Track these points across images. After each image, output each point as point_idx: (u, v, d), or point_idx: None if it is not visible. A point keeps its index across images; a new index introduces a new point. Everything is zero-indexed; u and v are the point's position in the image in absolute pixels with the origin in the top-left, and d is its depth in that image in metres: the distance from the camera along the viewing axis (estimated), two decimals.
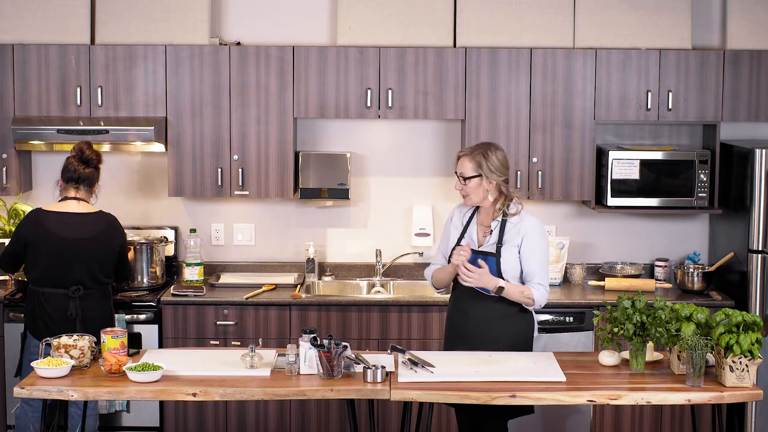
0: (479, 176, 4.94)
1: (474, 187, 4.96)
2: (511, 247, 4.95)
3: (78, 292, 5.45)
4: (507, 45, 6.26)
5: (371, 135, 6.63)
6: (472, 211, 5.11)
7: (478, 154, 4.95)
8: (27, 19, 6.20)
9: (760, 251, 6.06)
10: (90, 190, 5.59)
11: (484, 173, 4.93)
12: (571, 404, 4.74)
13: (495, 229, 5.00)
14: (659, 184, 6.29)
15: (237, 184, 6.27)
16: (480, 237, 5.04)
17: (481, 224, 5.07)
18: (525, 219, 4.99)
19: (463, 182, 4.97)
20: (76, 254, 5.47)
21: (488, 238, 5.00)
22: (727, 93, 6.26)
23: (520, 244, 4.95)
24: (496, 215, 5.00)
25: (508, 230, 4.98)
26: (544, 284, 4.96)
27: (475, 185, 4.96)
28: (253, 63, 6.22)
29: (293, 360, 4.66)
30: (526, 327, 5.05)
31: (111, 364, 4.63)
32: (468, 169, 4.95)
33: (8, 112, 6.21)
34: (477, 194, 4.98)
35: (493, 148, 4.98)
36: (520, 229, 4.96)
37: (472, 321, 5.00)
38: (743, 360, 4.53)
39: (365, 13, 6.25)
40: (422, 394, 4.50)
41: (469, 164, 4.95)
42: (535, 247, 4.95)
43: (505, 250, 4.95)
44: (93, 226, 5.52)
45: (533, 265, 4.94)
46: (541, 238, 4.98)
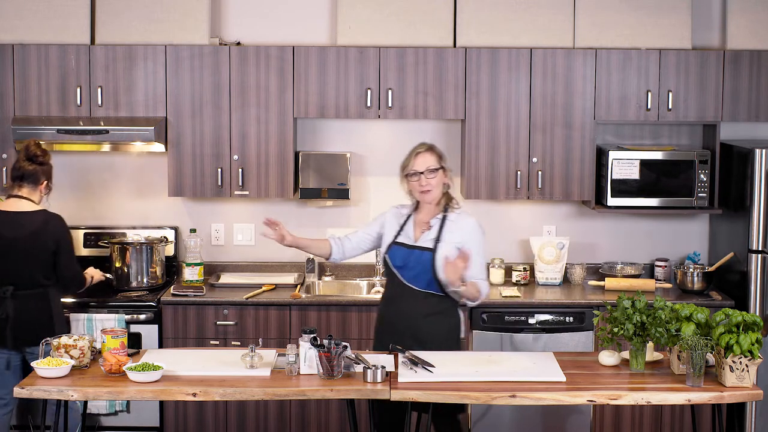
0: (442, 168, 5.07)
1: (439, 180, 5.06)
2: (449, 243, 5.02)
3: (7, 292, 5.39)
4: (507, 45, 6.26)
5: (371, 135, 6.63)
6: (410, 211, 5.19)
7: (435, 148, 5.11)
8: (27, 19, 6.20)
9: (760, 251, 6.06)
10: (35, 187, 5.52)
11: (445, 165, 5.09)
12: (571, 404, 4.74)
13: (435, 226, 5.07)
14: (659, 184, 6.29)
15: (237, 184, 6.27)
16: (417, 233, 5.11)
17: (419, 222, 5.13)
18: (464, 218, 5.10)
19: (431, 174, 5.03)
20: (10, 253, 5.39)
21: (426, 233, 5.07)
22: (727, 93, 6.26)
23: (459, 241, 5.02)
24: (437, 212, 5.09)
25: (447, 228, 5.06)
26: (485, 279, 5.08)
27: (440, 178, 5.07)
28: (253, 63, 6.22)
29: (293, 360, 4.66)
30: (452, 326, 5.08)
31: (111, 364, 4.63)
32: (434, 162, 5.05)
33: (8, 112, 6.21)
34: (438, 188, 5.08)
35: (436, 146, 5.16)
36: (459, 227, 5.06)
37: (404, 317, 5.05)
38: (743, 360, 4.53)
39: (365, 13, 6.26)
40: (422, 394, 4.50)
41: (432, 157, 5.06)
42: (475, 244, 5.03)
43: (442, 246, 5.02)
44: (29, 225, 5.44)
45: (477, 263, 5.01)
46: (479, 236, 5.09)
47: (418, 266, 5.03)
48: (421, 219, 5.13)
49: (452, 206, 5.12)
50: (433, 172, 5.03)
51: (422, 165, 5.04)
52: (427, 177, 5.03)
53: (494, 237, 6.66)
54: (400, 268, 5.08)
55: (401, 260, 5.08)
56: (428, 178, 5.03)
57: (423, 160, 5.05)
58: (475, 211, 6.63)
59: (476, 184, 6.28)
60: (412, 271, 5.05)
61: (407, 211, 5.20)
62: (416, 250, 5.05)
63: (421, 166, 5.04)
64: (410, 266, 5.06)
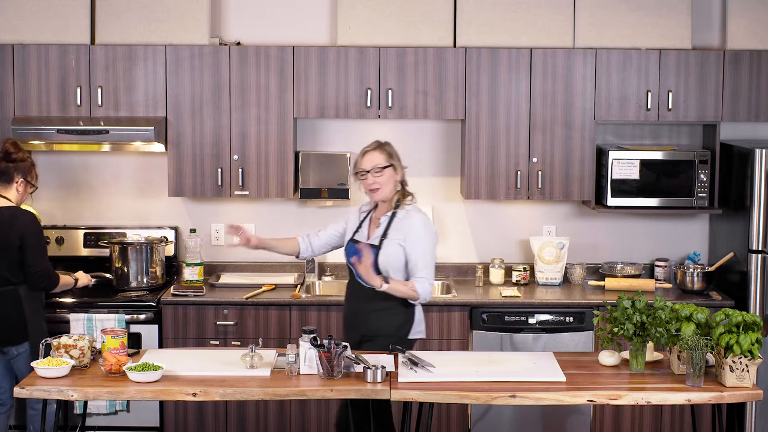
0: (391, 166, 5.08)
1: (388, 178, 5.08)
2: (393, 240, 5.06)
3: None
4: (507, 45, 6.26)
5: (371, 135, 6.62)
6: (370, 209, 5.23)
7: (385, 146, 5.13)
8: (27, 19, 6.20)
9: (760, 251, 6.06)
10: (8, 185, 5.45)
11: (395, 163, 5.10)
12: (571, 404, 4.74)
13: (383, 223, 5.11)
14: (659, 184, 6.29)
15: (237, 184, 6.27)
16: (371, 231, 5.16)
17: (374, 219, 5.18)
18: (411, 214, 5.11)
19: (378, 173, 5.04)
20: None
21: (376, 231, 5.12)
22: (727, 93, 6.26)
23: (404, 238, 5.04)
24: (388, 209, 5.13)
25: (394, 225, 5.09)
26: (428, 278, 5.03)
27: (389, 176, 5.08)
28: (253, 63, 6.22)
29: (293, 360, 4.66)
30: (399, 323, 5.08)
31: (111, 364, 4.63)
32: (381, 160, 5.07)
33: (8, 112, 6.21)
34: (389, 186, 5.10)
35: (390, 144, 5.18)
36: (404, 224, 5.07)
37: (356, 313, 5.11)
38: (743, 360, 4.53)
39: (365, 13, 6.25)
40: (422, 394, 4.50)
41: (381, 156, 5.09)
42: (418, 241, 5.04)
43: (387, 243, 5.06)
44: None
45: (416, 258, 5.03)
46: (425, 232, 5.08)
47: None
48: (376, 216, 5.19)
49: (404, 203, 5.13)
50: (381, 170, 5.05)
51: (369, 163, 5.07)
52: (374, 175, 5.06)
53: (494, 237, 6.66)
54: (353, 264, 5.12)
55: (352, 256, 5.13)
56: (375, 176, 5.06)
57: (370, 158, 5.08)
58: (475, 211, 6.64)
59: (476, 184, 6.28)
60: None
61: (367, 209, 5.26)
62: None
63: (368, 164, 5.07)
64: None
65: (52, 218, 6.57)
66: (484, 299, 6.14)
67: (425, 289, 5.02)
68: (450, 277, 6.63)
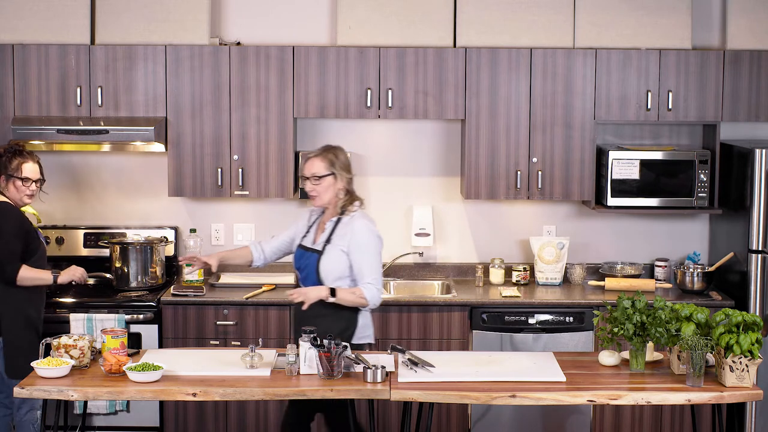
0: (331, 175, 5.05)
1: (326, 186, 5.06)
2: (335, 246, 5.05)
3: None
4: (507, 45, 6.26)
5: (371, 135, 6.63)
6: (321, 211, 5.21)
7: (329, 153, 5.09)
8: (27, 19, 6.20)
9: (760, 251, 6.06)
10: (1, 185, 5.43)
11: (337, 171, 5.06)
12: (571, 404, 4.74)
13: (328, 228, 5.10)
14: (659, 184, 6.29)
15: (237, 184, 6.27)
16: (317, 235, 5.15)
17: (322, 224, 5.17)
18: (354, 220, 5.09)
19: (316, 181, 5.03)
20: None
21: (321, 236, 5.11)
22: (727, 93, 6.26)
23: (347, 245, 5.03)
24: (334, 215, 5.11)
25: (338, 231, 5.08)
26: (375, 284, 5.03)
27: (327, 184, 5.06)
28: (253, 63, 6.22)
29: (293, 360, 4.66)
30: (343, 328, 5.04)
31: (111, 364, 4.63)
32: (321, 168, 5.05)
33: (8, 112, 6.21)
34: (328, 193, 5.07)
35: (339, 149, 5.15)
36: (347, 230, 5.05)
37: (301, 317, 5.06)
38: (743, 360, 4.53)
39: (365, 13, 6.25)
40: (422, 394, 4.50)
41: (321, 163, 5.06)
42: (362, 246, 5.03)
43: (329, 248, 5.05)
44: None
45: (361, 264, 5.03)
46: (368, 238, 5.07)
47: (308, 268, 5.09)
48: (323, 221, 5.17)
49: (349, 209, 5.10)
50: (318, 179, 5.04)
51: (308, 170, 5.07)
52: (312, 183, 5.05)
53: (494, 237, 6.66)
54: (298, 269, 5.15)
55: (298, 262, 5.15)
56: (314, 183, 5.05)
57: (310, 165, 5.07)
58: (475, 211, 6.64)
59: (476, 184, 6.28)
60: (303, 272, 5.13)
61: (317, 212, 5.25)
62: (308, 252, 5.11)
63: (308, 171, 5.07)
64: (302, 267, 5.13)
65: (52, 218, 6.57)
66: (484, 299, 6.14)
67: (373, 295, 5.01)
68: (450, 277, 6.63)
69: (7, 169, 5.45)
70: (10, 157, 5.47)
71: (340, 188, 5.08)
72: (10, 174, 5.45)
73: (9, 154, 5.47)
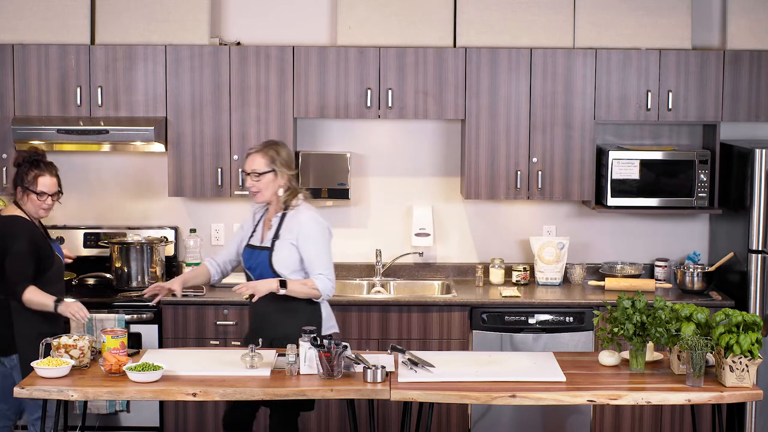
0: (272, 171, 5.02)
1: (267, 183, 5.03)
2: (285, 240, 5.04)
3: None
4: (507, 45, 6.26)
5: (371, 135, 6.63)
6: (265, 209, 5.19)
7: (270, 150, 5.05)
8: (27, 19, 6.20)
9: (760, 251, 6.06)
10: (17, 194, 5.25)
11: (277, 168, 5.03)
12: (571, 404, 4.74)
13: (274, 224, 5.09)
14: (659, 184, 6.29)
15: (237, 184, 6.27)
16: (264, 233, 5.13)
17: (267, 220, 5.15)
18: (300, 212, 5.08)
19: (257, 177, 5.01)
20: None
21: (269, 232, 5.09)
22: (727, 93, 6.26)
23: (295, 238, 5.03)
24: (278, 210, 5.10)
25: (285, 224, 5.07)
26: (326, 274, 5.02)
27: (268, 181, 5.03)
28: (253, 63, 6.22)
29: (293, 360, 4.66)
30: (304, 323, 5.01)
31: (111, 364, 4.63)
32: (261, 165, 5.02)
33: (8, 112, 6.21)
34: (269, 190, 5.05)
35: (281, 145, 5.13)
36: (294, 223, 5.05)
37: (258, 317, 5.07)
38: (743, 360, 4.53)
39: (365, 13, 6.25)
40: (422, 394, 4.50)
41: (262, 160, 5.03)
42: (310, 238, 5.03)
43: (279, 243, 5.04)
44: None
45: (311, 255, 5.02)
46: (316, 229, 5.05)
47: (260, 266, 5.07)
48: (268, 218, 5.16)
49: (292, 203, 5.09)
50: (259, 175, 5.01)
51: (248, 167, 5.04)
52: (252, 179, 5.03)
53: (494, 237, 6.66)
54: (250, 269, 5.11)
55: (248, 261, 5.12)
56: (254, 180, 5.03)
57: (251, 161, 5.04)
58: (475, 211, 6.64)
59: (476, 184, 6.28)
60: (256, 271, 5.10)
61: (261, 210, 5.22)
62: (258, 250, 5.09)
63: (248, 167, 5.04)
64: (254, 266, 5.10)
65: (52, 218, 6.56)
66: (484, 299, 6.14)
67: (325, 285, 5.01)
68: (450, 277, 6.63)
69: (23, 181, 5.23)
70: (28, 168, 5.24)
71: (281, 184, 5.06)
72: (26, 186, 5.23)
73: (27, 164, 5.25)
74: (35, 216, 5.28)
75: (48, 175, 5.28)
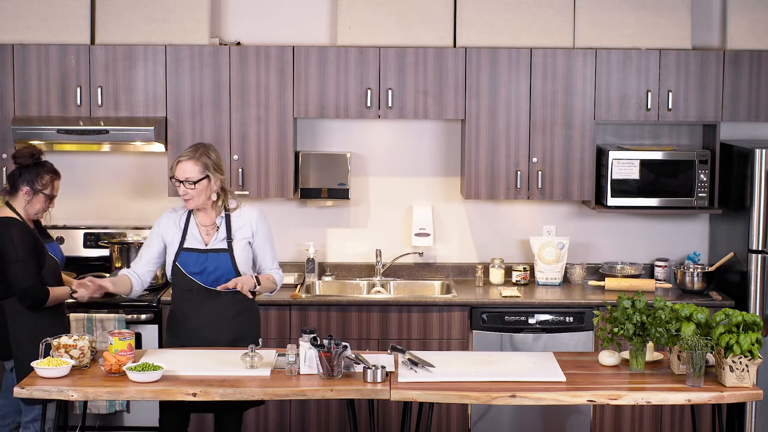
0: (206, 178, 4.97)
1: (201, 190, 4.98)
2: (240, 240, 5.05)
3: None
4: (507, 45, 6.26)
5: (371, 135, 6.63)
6: (187, 213, 5.10)
7: (201, 155, 4.97)
8: (27, 19, 6.20)
9: (760, 251, 6.06)
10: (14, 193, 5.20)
11: (211, 174, 4.99)
12: (571, 404, 4.74)
13: (221, 226, 5.06)
14: (659, 184, 6.29)
15: (237, 184, 6.27)
16: (204, 236, 5.07)
17: (204, 224, 5.08)
18: (247, 211, 5.11)
19: (191, 186, 4.94)
20: None
21: (215, 235, 5.05)
22: (727, 93, 6.27)
23: (251, 236, 5.06)
24: (219, 212, 5.07)
25: (234, 225, 5.06)
26: (278, 268, 5.18)
27: (202, 188, 4.98)
28: (253, 63, 6.22)
29: (293, 360, 4.66)
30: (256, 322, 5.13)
31: (111, 365, 4.63)
32: (195, 173, 4.95)
33: (8, 112, 6.21)
34: (203, 196, 5.00)
35: (211, 148, 5.06)
36: (245, 222, 5.06)
37: (210, 322, 5.01)
38: (743, 360, 4.53)
39: (365, 13, 6.26)
40: (422, 394, 4.50)
41: (195, 168, 4.95)
42: (265, 235, 5.12)
43: (236, 244, 5.04)
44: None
45: (265, 251, 5.11)
46: (267, 225, 5.16)
47: (219, 269, 5.02)
48: (202, 221, 5.07)
49: (230, 206, 5.08)
50: (194, 183, 4.94)
51: (181, 174, 4.95)
52: (186, 187, 4.95)
53: (494, 237, 6.66)
54: (197, 274, 5.02)
55: (196, 266, 5.02)
56: (188, 188, 4.95)
57: (183, 170, 4.94)
58: (475, 211, 6.64)
59: (476, 184, 6.28)
60: (211, 275, 5.02)
61: (183, 213, 5.11)
62: (211, 254, 5.03)
63: (181, 175, 4.96)
64: (209, 270, 5.02)
65: (52, 218, 6.55)
66: (484, 299, 6.14)
67: (281, 278, 5.16)
68: (450, 277, 6.63)
69: (35, 183, 5.19)
70: (42, 171, 5.21)
71: (214, 189, 5.02)
72: (39, 189, 5.19)
73: (39, 167, 5.21)
74: (31, 217, 5.26)
75: (59, 178, 5.32)
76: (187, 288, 5.06)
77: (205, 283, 5.03)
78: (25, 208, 5.22)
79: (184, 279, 5.05)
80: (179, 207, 5.16)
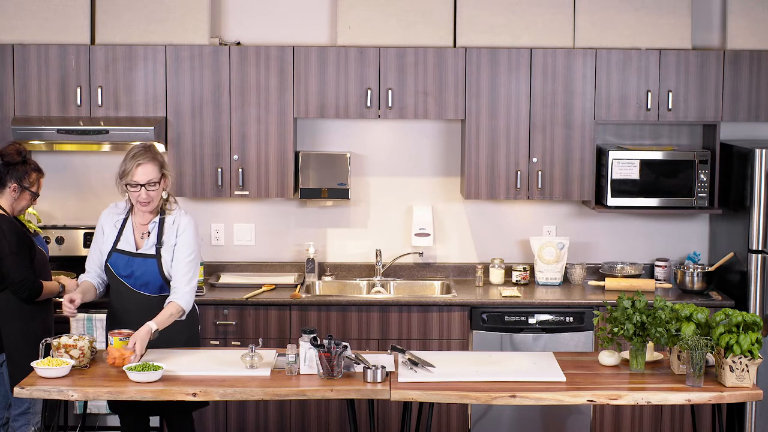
0: (162, 176, 4.94)
1: (159, 190, 4.94)
2: (168, 247, 4.96)
3: None
4: (507, 45, 6.26)
5: (371, 135, 6.64)
6: (126, 213, 5.06)
7: (156, 155, 4.93)
8: (27, 19, 6.20)
9: (760, 251, 6.06)
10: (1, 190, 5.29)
11: (166, 172, 4.96)
12: (571, 404, 4.74)
13: (153, 230, 4.99)
14: (659, 184, 6.29)
15: (237, 184, 6.28)
16: (138, 239, 5.01)
17: (138, 226, 5.02)
18: (181, 219, 5.00)
19: (153, 187, 4.89)
20: None
21: (147, 240, 4.98)
22: (727, 93, 6.27)
23: (175, 244, 4.96)
24: (154, 215, 5.00)
25: (166, 230, 4.98)
26: (191, 284, 4.94)
27: (160, 188, 4.94)
28: (253, 63, 6.22)
29: (293, 360, 4.66)
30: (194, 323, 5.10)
31: (115, 358, 4.65)
32: (156, 173, 4.91)
33: (8, 112, 6.21)
34: (158, 197, 4.96)
35: (156, 146, 5.02)
36: (175, 229, 4.98)
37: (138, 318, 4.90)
38: (743, 360, 4.53)
39: (365, 13, 6.26)
40: (422, 394, 4.50)
41: (154, 169, 4.90)
42: (187, 246, 4.96)
43: (164, 251, 4.96)
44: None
45: (180, 264, 4.93)
46: (194, 238, 4.99)
47: (146, 274, 4.97)
48: (140, 223, 5.02)
49: (168, 208, 5.01)
50: (155, 184, 4.90)
51: (143, 177, 4.87)
52: (147, 189, 4.89)
53: (494, 237, 6.66)
54: (126, 276, 4.98)
55: (126, 269, 4.98)
56: (149, 190, 4.89)
57: (144, 171, 4.86)
58: (475, 211, 6.64)
59: (476, 184, 6.28)
60: (140, 279, 4.98)
61: (122, 212, 5.06)
62: (139, 258, 4.97)
63: (143, 178, 4.87)
64: (137, 274, 4.98)
65: (52, 218, 6.57)
66: (484, 299, 6.14)
67: (188, 302, 4.93)
68: (450, 277, 6.63)
69: (23, 180, 5.31)
70: (29, 169, 5.34)
71: (165, 188, 4.97)
72: (26, 186, 5.32)
73: (26, 166, 5.33)
74: (15, 213, 5.36)
75: (43, 176, 5.46)
76: (116, 289, 5.03)
77: (134, 286, 4.98)
78: (11, 204, 5.32)
79: (115, 279, 5.01)
80: (118, 206, 5.08)
